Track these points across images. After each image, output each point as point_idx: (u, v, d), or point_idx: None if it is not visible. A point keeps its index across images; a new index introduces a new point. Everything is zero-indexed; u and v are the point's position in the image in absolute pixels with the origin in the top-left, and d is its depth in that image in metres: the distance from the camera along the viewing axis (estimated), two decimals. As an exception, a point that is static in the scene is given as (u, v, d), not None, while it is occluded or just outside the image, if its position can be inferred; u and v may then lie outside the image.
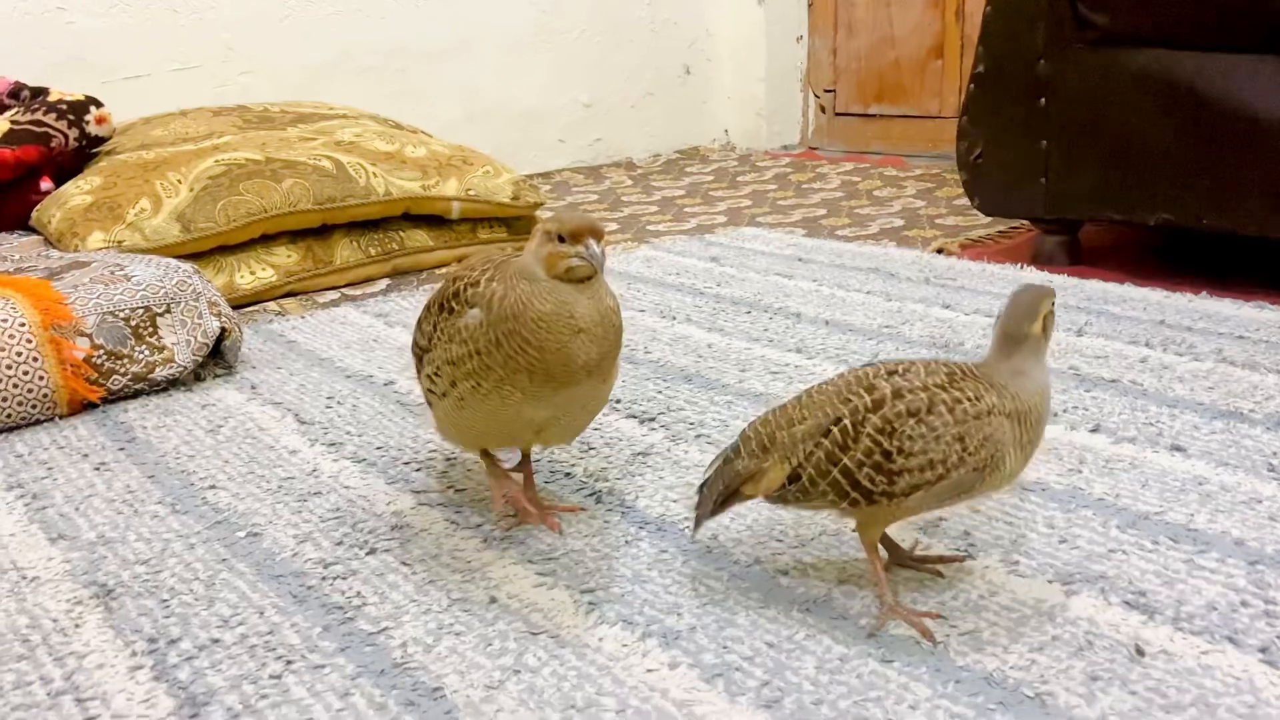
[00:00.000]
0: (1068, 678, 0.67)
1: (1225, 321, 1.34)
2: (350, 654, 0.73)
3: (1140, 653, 0.69)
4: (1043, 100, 1.58)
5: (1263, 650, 0.68)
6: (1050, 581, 0.78)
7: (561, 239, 0.79)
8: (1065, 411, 1.08)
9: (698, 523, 0.79)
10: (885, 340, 1.33)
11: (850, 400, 0.73)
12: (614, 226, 2.21)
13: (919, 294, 1.54)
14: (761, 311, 1.49)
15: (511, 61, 2.88)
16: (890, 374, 0.74)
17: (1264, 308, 1.38)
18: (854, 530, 0.81)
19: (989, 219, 1.99)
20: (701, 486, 0.79)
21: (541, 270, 0.79)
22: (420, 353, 0.89)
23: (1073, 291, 1.51)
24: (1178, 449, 0.98)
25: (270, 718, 0.66)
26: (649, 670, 0.70)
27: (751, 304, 1.53)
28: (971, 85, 1.67)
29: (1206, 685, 0.65)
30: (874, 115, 3.05)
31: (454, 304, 0.84)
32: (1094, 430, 1.03)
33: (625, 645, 0.72)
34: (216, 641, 0.75)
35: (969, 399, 0.72)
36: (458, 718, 0.66)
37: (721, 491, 0.77)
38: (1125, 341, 1.28)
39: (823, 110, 3.19)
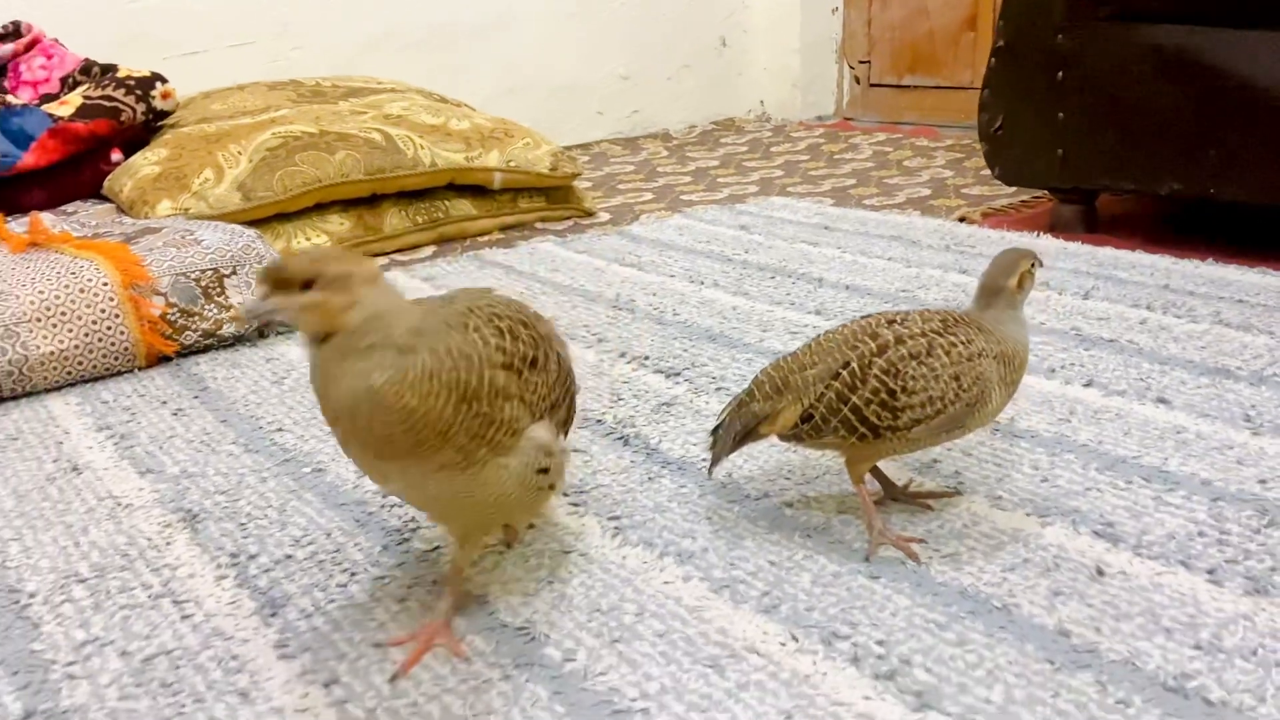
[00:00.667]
0: (1034, 592, 0.76)
1: (1227, 286, 1.40)
2: (406, 568, 0.83)
3: (1100, 573, 0.77)
4: (1060, 74, 1.64)
5: (1210, 572, 0.77)
6: (1028, 514, 0.86)
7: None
8: (1062, 368, 1.16)
9: (715, 461, 0.88)
10: (902, 303, 1.42)
11: (857, 346, 0.82)
12: (649, 196, 2.30)
13: (938, 260, 1.61)
14: (785, 277, 1.58)
15: (550, 35, 2.96)
16: (890, 322, 0.83)
17: (1266, 274, 1.44)
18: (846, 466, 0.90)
19: (1012, 189, 2.06)
20: (715, 430, 0.88)
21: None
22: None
23: (1085, 258, 1.57)
24: (1162, 401, 1.06)
25: (338, 617, 0.77)
26: (665, 582, 0.80)
27: (776, 270, 1.61)
28: (993, 59, 1.73)
29: (1156, 600, 0.74)
30: (907, 86, 3.10)
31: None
32: (1087, 385, 1.11)
33: (645, 562, 0.82)
34: (289, 557, 0.86)
35: (962, 342, 0.81)
36: (500, 618, 0.76)
37: (739, 432, 0.85)
38: (1128, 305, 1.36)
39: (857, 81, 3.24)
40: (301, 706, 0.68)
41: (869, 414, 0.80)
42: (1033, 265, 0.86)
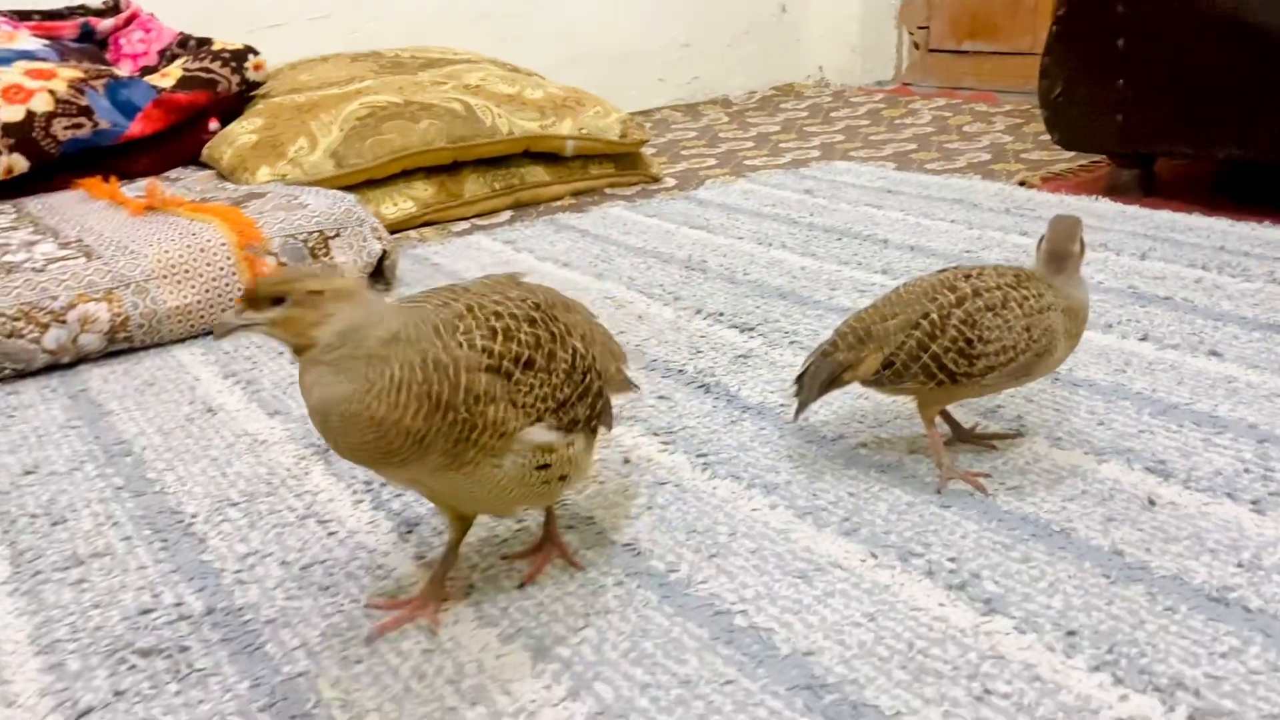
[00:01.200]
0: (1090, 519, 0.84)
1: (1282, 247, 1.46)
2: (520, 495, 0.93)
3: (1152, 503, 0.85)
4: (1120, 41, 1.69)
5: (1254, 502, 0.84)
6: (1085, 453, 0.94)
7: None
8: (1119, 323, 1.23)
9: (801, 407, 0.94)
10: (965, 263, 1.48)
11: (936, 298, 0.90)
12: (712, 162, 2.37)
13: (999, 223, 1.67)
14: (851, 238, 1.65)
15: (611, 4, 3.03)
16: (966, 277, 0.91)
17: (1321, 235, 1.49)
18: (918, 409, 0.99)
19: (1071, 154, 2.10)
20: (799, 379, 0.96)
21: None
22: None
23: (1142, 221, 1.63)
24: (1214, 354, 1.13)
25: (468, 536, 0.87)
26: (753, 509, 0.89)
27: (842, 232, 1.69)
28: (1054, 26, 1.78)
29: (1202, 526, 0.82)
30: (966, 52, 3.13)
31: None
32: (1142, 339, 1.18)
33: (734, 492, 0.92)
34: (416, 485, 0.96)
35: (1034, 296, 0.89)
36: (609, 537, 0.86)
37: (824, 380, 0.92)
38: (1184, 265, 1.41)
39: (916, 47, 3.27)
40: (443, 608, 0.78)
41: (947, 361, 0.88)
42: (1082, 230, 0.93)
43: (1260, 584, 0.74)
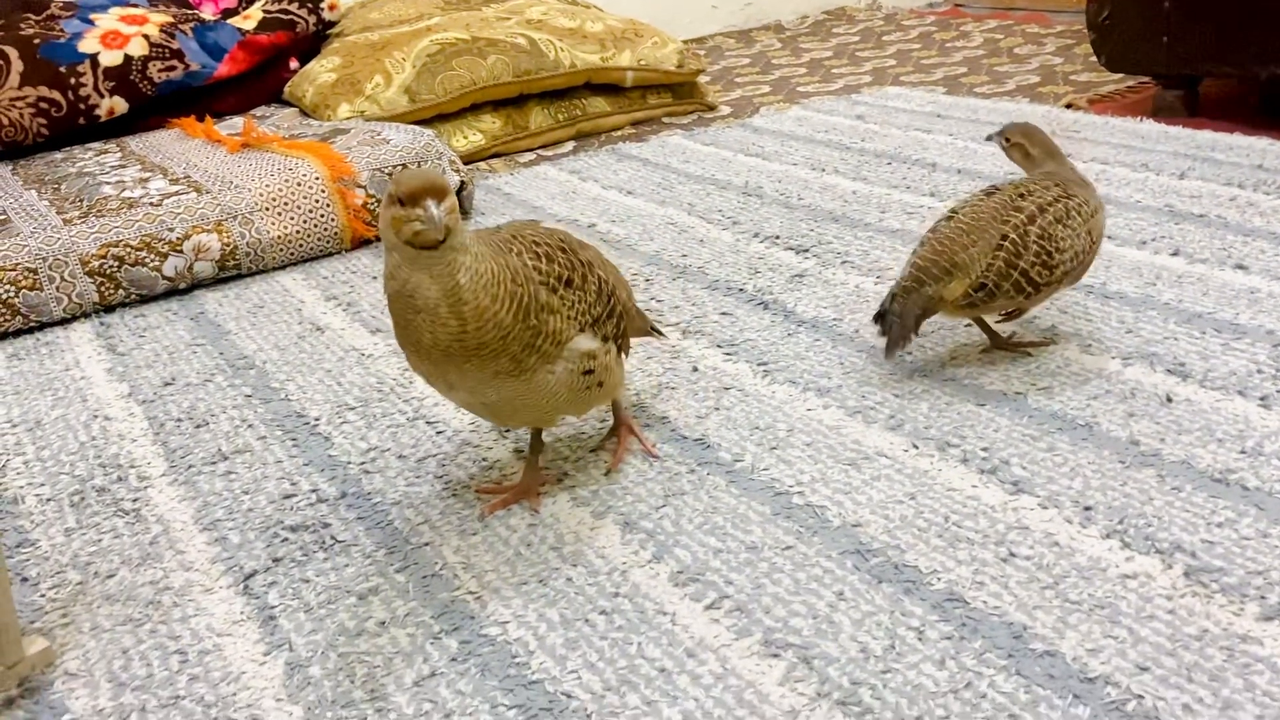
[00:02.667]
0: (1112, 414, 0.94)
1: (1319, 165, 1.51)
2: (601, 398, 1.06)
3: (1169, 400, 0.95)
4: (1168, -37, 1.73)
5: (1262, 399, 0.94)
6: (1113, 358, 1.04)
7: (401, 202, 0.72)
8: (1152, 240, 1.31)
9: (895, 345, 0.98)
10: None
11: (1008, 220, 0.99)
12: (766, 89, 2.44)
13: (1043, 145, 1.74)
14: (901, 163, 1.73)
15: (668, -68, 3.07)
16: (1020, 195, 1.00)
17: (1359, 152, 1.54)
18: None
19: (1118, 75, 2.14)
20: (881, 316, 1.00)
21: (394, 236, 0.74)
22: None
23: (1184, 141, 1.69)
24: (1241, 267, 1.21)
25: (557, 432, 1.00)
26: (808, 409, 1.00)
27: (892, 156, 1.77)
28: (1103, -50, 1.82)
29: (1213, 419, 0.91)
30: (1020, -29, 3.12)
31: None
32: (1174, 254, 1.26)
33: (791, 395, 1.03)
34: (509, 391, 1.09)
35: (1084, 202, 1.01)
36: (681, 433, 0.98)
37: (918, 315, 0.98)
38: (1221, 184, 1.48)
39: (968, -32, 3.27)
40: (542, 491, 0.91)
41: (1033, 274, 0.98)
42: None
43: (1260, 467, 0.84)
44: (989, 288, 0.98)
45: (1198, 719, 0.61)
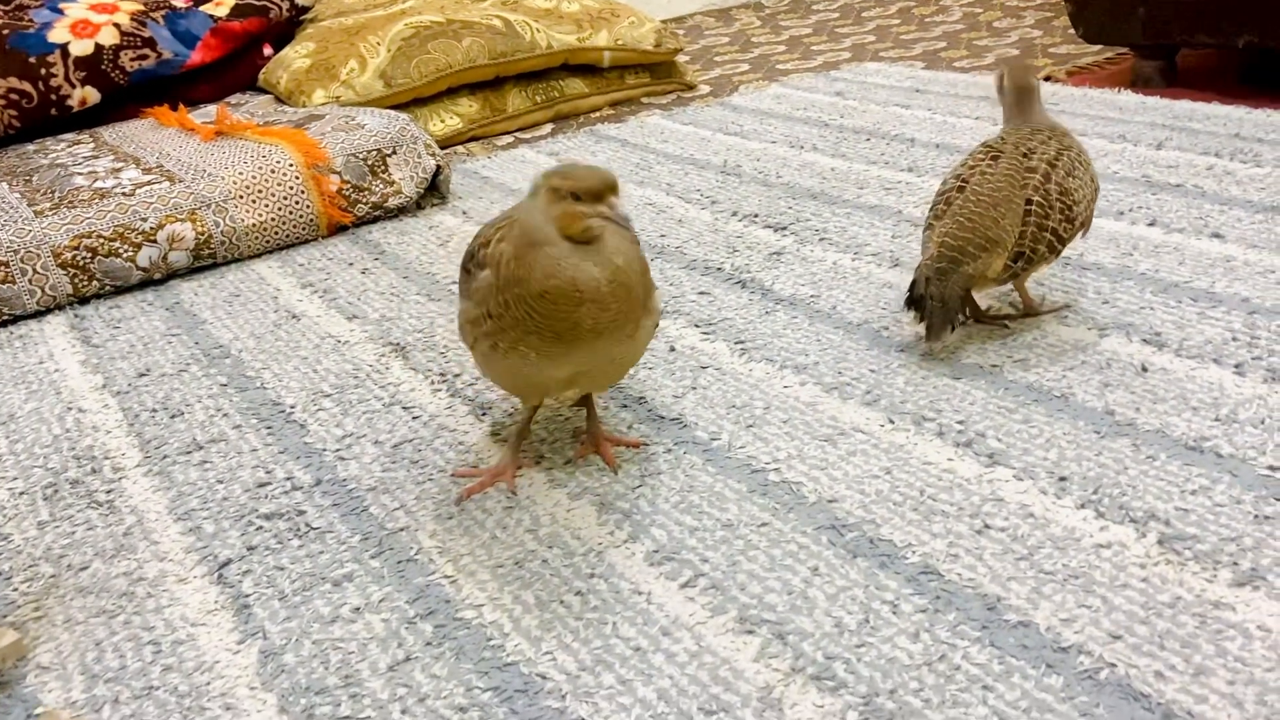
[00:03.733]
0: (1088, 385, 0.94)
1: (1296, 132, 1.51)
2: (578, 380, 1.05)
3: (1145, 369, 0.95)
4: (1144, -68, 1.72)
5: (1236, 366, 0.94)
6: (1089, 329, 1.04)
7: (578, 198, 0.75)
8: (1130, 210, 1.31)
9: (940, 330, 0.95)
10: (985, 159, 1.56)
11: (1026, 183, 0.99)
12: (745, 67, 2.43)
13: (1022, 118, 1.73)
14: (879, 139, 1.72)
15: (645, -89, 3.05)
16: (1025, 155, 1.00)
17: (1335, 119, 1.54)
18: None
19: (1096, 47, 2.14)
20: (916, 302, 0.96)
21: (554, 231, 0.76)
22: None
23: (1162, 111, 1.68)
24: (1217, 236, 1.21)
25: (535, 416, 0.99)
26: (785, 386, 1.00)
27: (870, 132, 1.76)
28: (1078, -80, 1.81)
29: (1188, 388, 0.91)
30: (999, -56, 3.11)
31: (470, 266, 0.84)
32: (1150, 224, 1.26)
33: (768, 373, 1.03)
34: (485, 374, 1.08)
35: (1077, 149, 1.02)
36: (657, 412, 0.97)
37: (961, 295, 0.96)
38: (1198, 153, 1.48)
39: (948, -58, 3.25)
40: (518, 473, 0.91)
41: (1061, 231, 0.99)
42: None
43: (1234, 435, 0.84)
44: (1026, 255, 0.97)
45: (1169, 686, 0.61)
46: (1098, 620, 0.67)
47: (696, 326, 1.15)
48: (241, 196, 1.47)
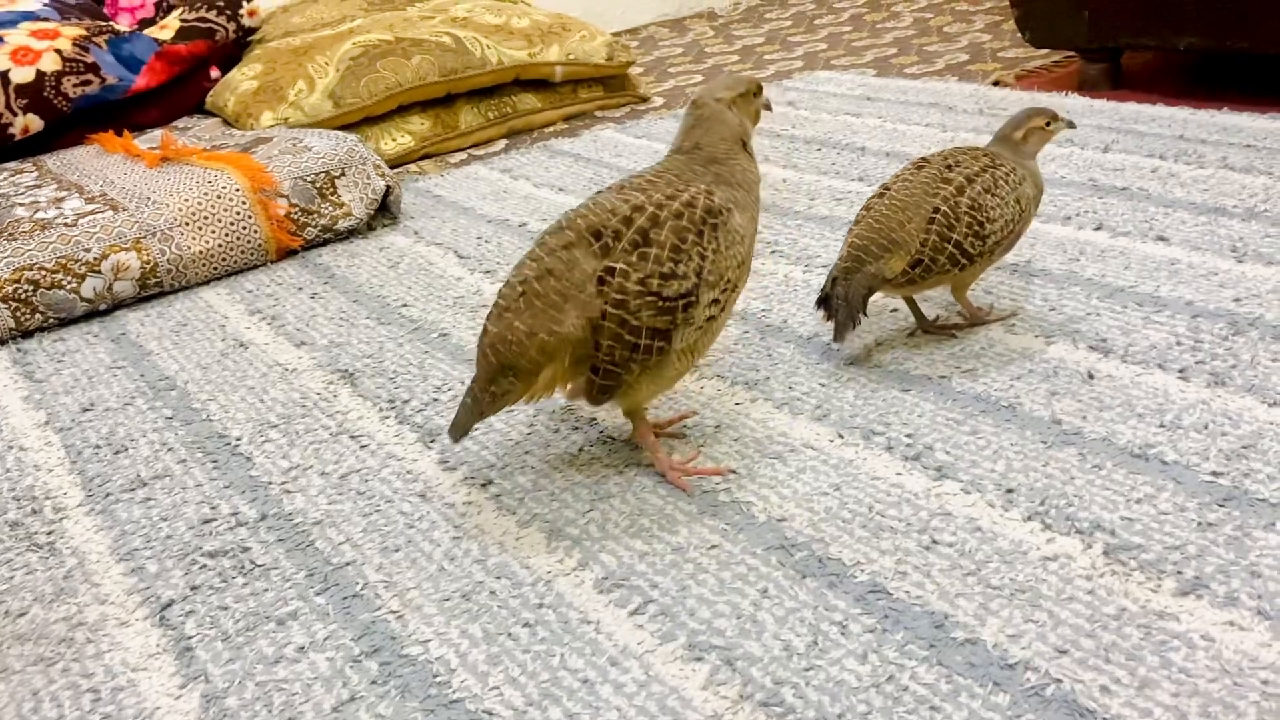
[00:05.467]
0: (1035, 394, 0.94)
1: (1238, 133, 1.53)
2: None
3: (1091, 377, 0.95)
4: (1085, -63, 1.74)
5: (1181, 371, 0.94)
6: (1036, 336, 1.04)
7: (757, 94, 0.95)
8: (1076, 215, 1.32)
9: (845, 328, 0.96)
10: (935, 166, 1.57)
11: (938, 192, 0.99)
12: (699, 79, 2.43)
13: (972, 124, 1.75)
14: (830, 148, 1.73)
15: (596, -77, 3.05)
16: (948, 167, 1.00)
17: (1277, 119, 1.56)
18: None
19: (1043, 51, 2.16)
20: (824, 301, 0.99)
21: (749, 128, 0.94)
22: (683, 301, 0.82)
23: (1108, 114, 1.70)
24: (1162, 239, 1.22)
25: (483, 440, 0.98)
26: (736, 404, 0.99)
27: (822, 142, 1.77)
28: (1021, -74, 1.82)
29: (1133, 394, 0.92)
30: (948, -51, 3.13)
31: (712, 219, 0.83)
32: (1097, 228, 1.27)
33: (720, 390, 1.02)
34: (435, 400, 1.07)
35: (1010, 171, 1.01)
36: (609, 434, 0.97)
37: (864, 295, 0.97)
38: (1143, 155, 1.49)
39: (898, -52, 3.27)
40: (467, 500, 0.90)
41: (967, 245, 0.98)
42: (1047, 123, 1.03)
43: (1178, 440, 0.84)
44: (925, 263, 0.98)
45: (1115, 700, 0.61)
46: (1044, 635, 0.67)
47: (648, 344, 1.14)
48: (187, 223, 1.45)
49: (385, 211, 1.64)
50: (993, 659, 0.65)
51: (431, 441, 1.00)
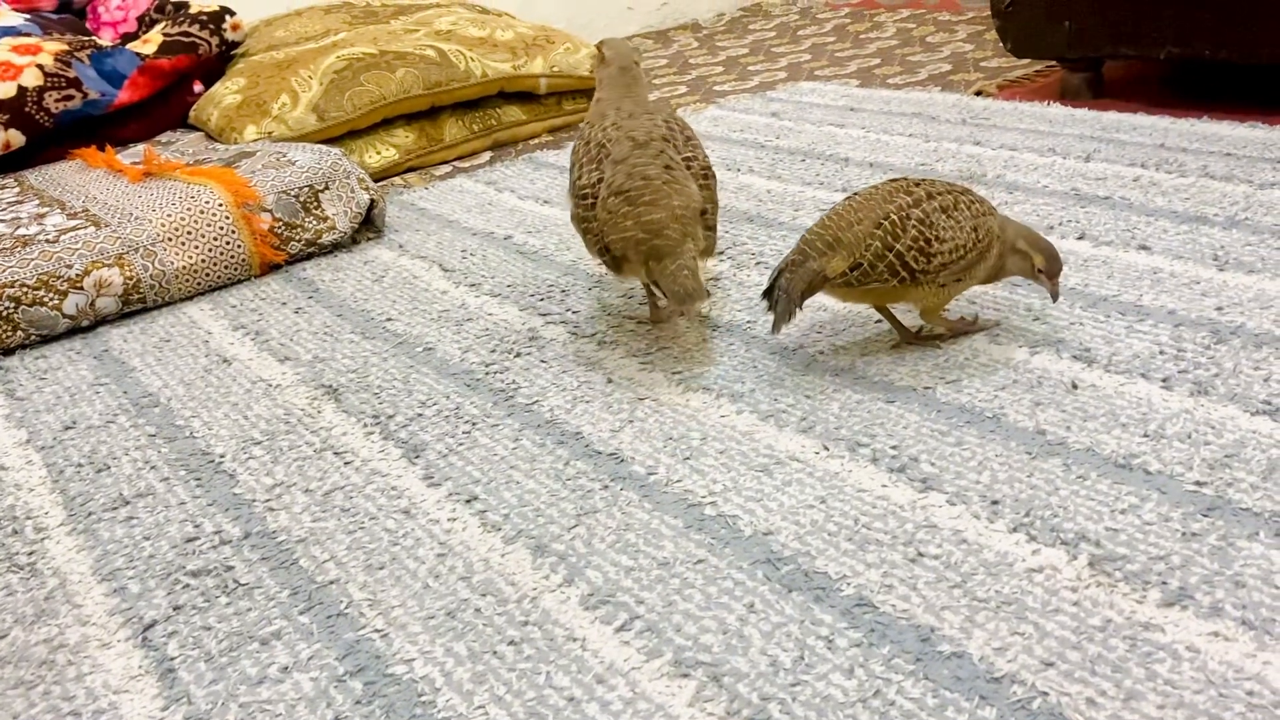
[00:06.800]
0: (1019, 405, 0.94)
1: (1218, 141, 1.54)
2: (514, 417, 1.04)
3: (1075, 386, 0.96)
4: (1065, -52, 1.75)
5: (1164, 380, 0.94)
6: (1020, 346, 1.04)
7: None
8: (1060, 224, 1.32)
9: (782, 319, 0.99)
10: (919, 175, 1.57)
11: (894, 201, 0.99)
12: (683, 89, 2.43)
13: (955, 134, 1.75)
14: (814, 159, 1.73)
15: (580, -65, 3.06)
16: (916, 184, 1.00)
17: (1256, 127, 1.57)
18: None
19: (1025, 60, 2.17)
20: (767, 293, 1.02)
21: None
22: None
23: (1090, 123, 1.71)
24: (1144, 248, 1.22)
25: (468, 455, 0.98)
26: (722, 416, 0.99)
27: (806, 153, 1.77)
28: (1002, -62, 1.84)
29: (1117, 404, 0.92)
30: (930, -40, 3.15)
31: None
32: (1080, 238, 1.28)
33: (705, 402, 1.02)
34: (420, 415, 1.07)
35: (977, 201, 1.00)
36: (594, 448, 0.96)
37: (803, 289, 0.99)
38: (1125, 164, 1.50)
39: (880, -42, 3.29)
40: (452, 517, 0.89)
41: (909, 259, 0.98)
42: (1039, 270, 1.02)
43: (1161, 450, 0.85)
44: (864, 267, 0.98)
45: (1101, 713, 0.61)
46: (1030, 648, 0.67)
47: (634, 356, 1.14)
48: (170, 239, 1.45)
49: (369, 225, 1.63)
50: (979, 672, 0.65)
51: (416, 457, 0.99)
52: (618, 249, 1.08)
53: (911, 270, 0.98)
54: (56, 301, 1.37)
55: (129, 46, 2.01)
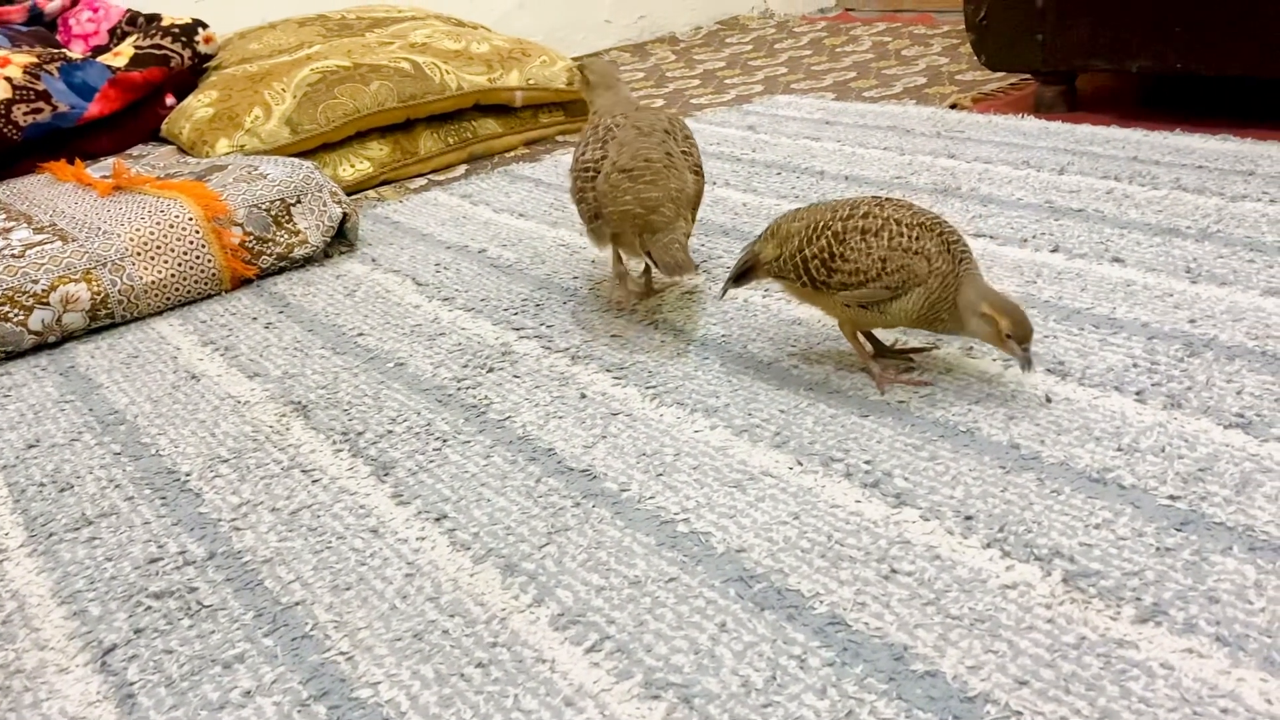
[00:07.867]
0: (993, 418, 0.94)
1: (1190, 154, 1.55)
2: (486, 434, 1.03)
3: (1048, 400, 0.95)
4: (1037, -37, 1.76)
5: (1138, 393, 0.94)
6: (994, 360, 1.04)
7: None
8: (1033, 237, 1.32)
9: (725, 289, 1.10)
10: (894, 189, 1.57)
11: (837, 211, 0.99)
12: (661, 102, 2.43)
13: (929, 147, 1.76)
14: (790, 172, 1.73)
15: (556, -51, 3.05)
16: (880, 204, 0.99)
17: (1227, 139, 1.58)
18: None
19: (1000, 74, 2.18)
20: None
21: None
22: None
23: (1064, 136, 1.71)
24: (1117, 260, 1.22)
25: (438, 472, 0.97)
26: (696, 431, 0.98)
27: (781, 166, 1.77)
28: (975, -48, 1.84)
29: (1091, 417, 0.92)
30: (906, -26, 3.17)
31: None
32: (1053, 251, 1.28)
33: (679, 418, 1.01)
34: (390, 432, 1.05)
35: (911, 239, 0.94)
36: (567, 464, 0.95)
37: (739, 264, 1.07)
38: (1098, 177, 1.51)
39: (856, -28, 3.31)
40: (420, 536, 0.88)
41: (811, 267, 0.99)
42: (1008, 336, 0.92)
43: (1135, 464, 0.84)
44: (782, 259, 1.02)
45: (1075, 732, 0.60)
46: (1004, 666, 0.66)
47: (609, 371, 1.13)
48: (139, 254, 1.43)
49: (342, 239, 1.62)
50: (953, 691, 0.64)
51: (385, 475, 0.98)
52: (615, 219, 1.15)
53: (813, 279, 1.00)
54: (22, 317, 1.35)
55: (100, 59, 1.99)
